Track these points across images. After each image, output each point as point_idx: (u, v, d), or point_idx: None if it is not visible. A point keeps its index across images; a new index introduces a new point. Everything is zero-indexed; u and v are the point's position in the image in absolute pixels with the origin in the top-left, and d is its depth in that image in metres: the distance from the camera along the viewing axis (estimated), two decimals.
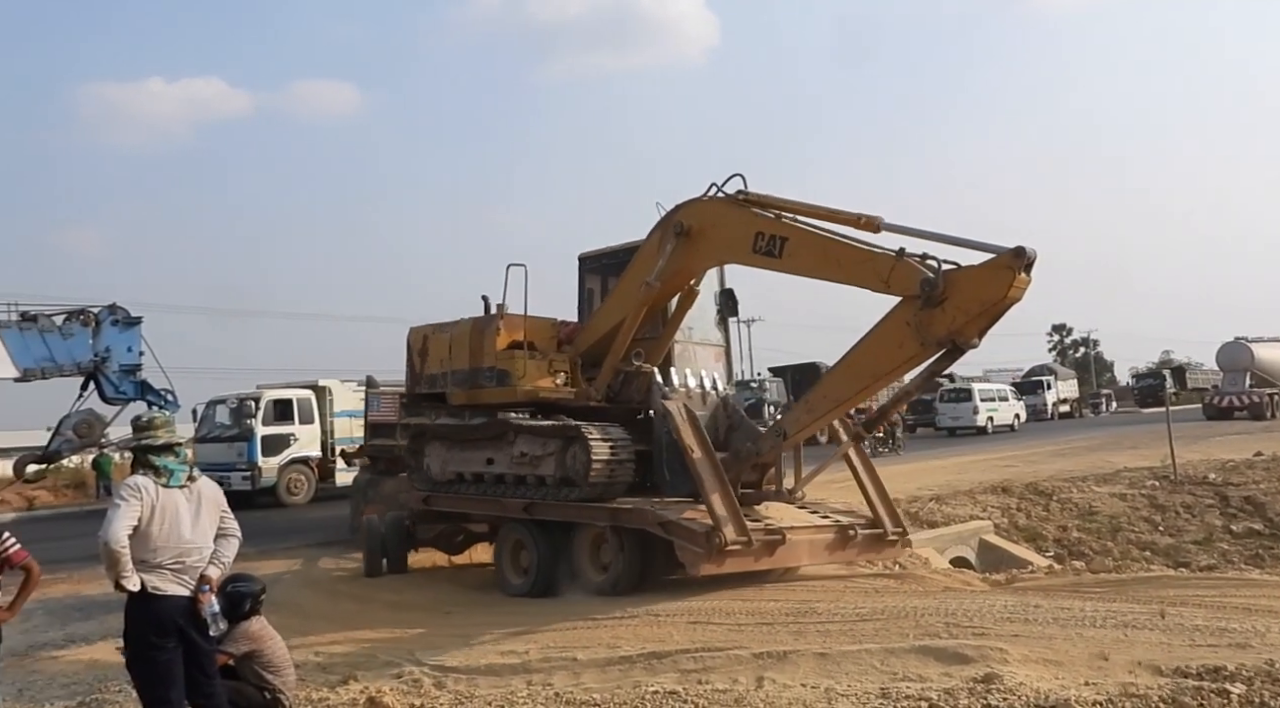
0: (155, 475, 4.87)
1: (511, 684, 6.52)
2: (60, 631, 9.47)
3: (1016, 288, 7.39)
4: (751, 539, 8.64)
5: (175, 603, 4.82)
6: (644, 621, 8.48)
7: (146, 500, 4.77)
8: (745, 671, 6.41)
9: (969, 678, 5.95)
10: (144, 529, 4.75)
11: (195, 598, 4.87)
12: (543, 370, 10.44)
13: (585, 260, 11.61)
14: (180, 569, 4.85)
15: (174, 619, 4.81)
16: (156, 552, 4.78)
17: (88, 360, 12.97)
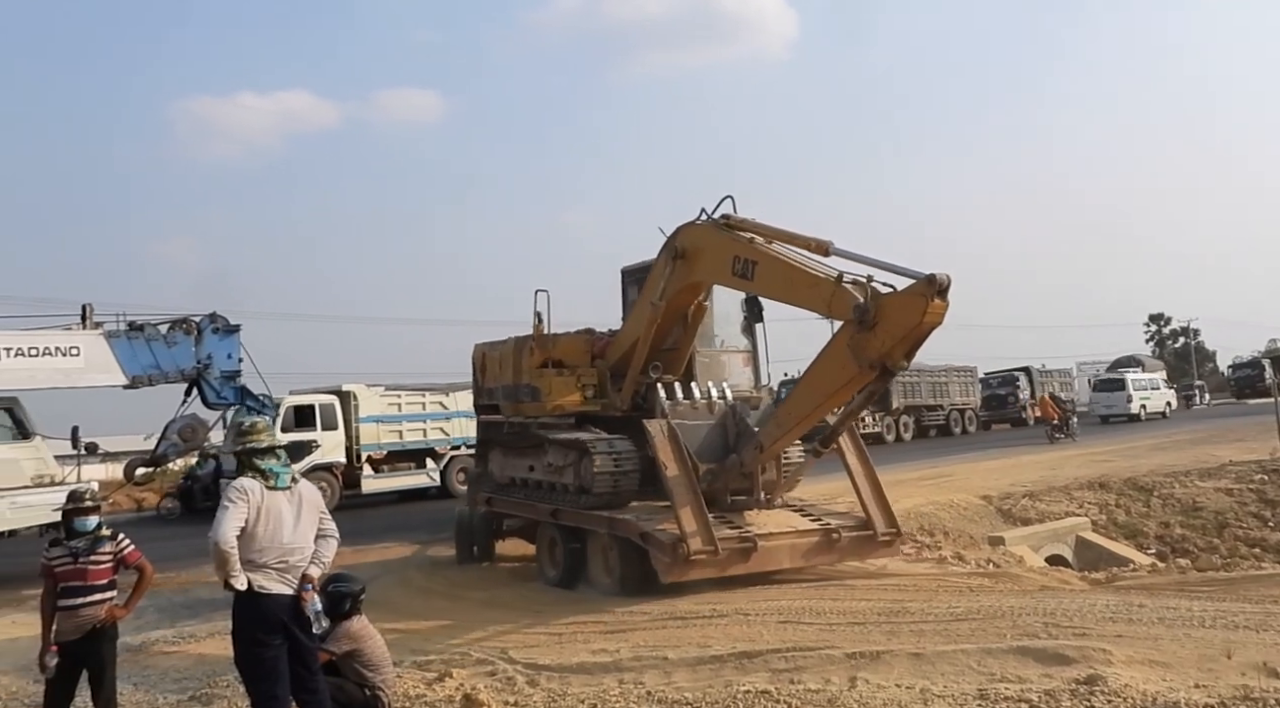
0: (261, 478, 5.05)
1: (603, 683, 6.56)
2: (171, 628, 9.87)
3: (931, 314, 7.60)
4: (718, 549, 9.06)
5: (280, 601, 4.99)
6: (734, 620, 8.45)
7: (253, 502, 4.96)
8: (838, 671, 6.34)
9: (1071, 679, 5.78)
10: (250, 530, 4.94)
11: (299, 597, 5.04)
12: (570, 386, 11.35)
13: (626, 274, 12.23)
14: (284, 569, 5.02)
15: (279, 617, 4.98)
16: (262, 552, 4.96)
17: (191, 367, 13.45)
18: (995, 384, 43.22)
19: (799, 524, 10.04)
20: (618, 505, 10.19)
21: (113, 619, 5.74)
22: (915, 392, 37.31)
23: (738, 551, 9.31)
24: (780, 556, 9.69)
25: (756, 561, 9.44)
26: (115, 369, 13.28)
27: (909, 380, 37.04)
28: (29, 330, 13.45)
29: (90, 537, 5.74)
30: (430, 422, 23.20)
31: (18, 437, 14.04)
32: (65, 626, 5.64)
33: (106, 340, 13.25)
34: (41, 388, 13.66)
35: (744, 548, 9.34)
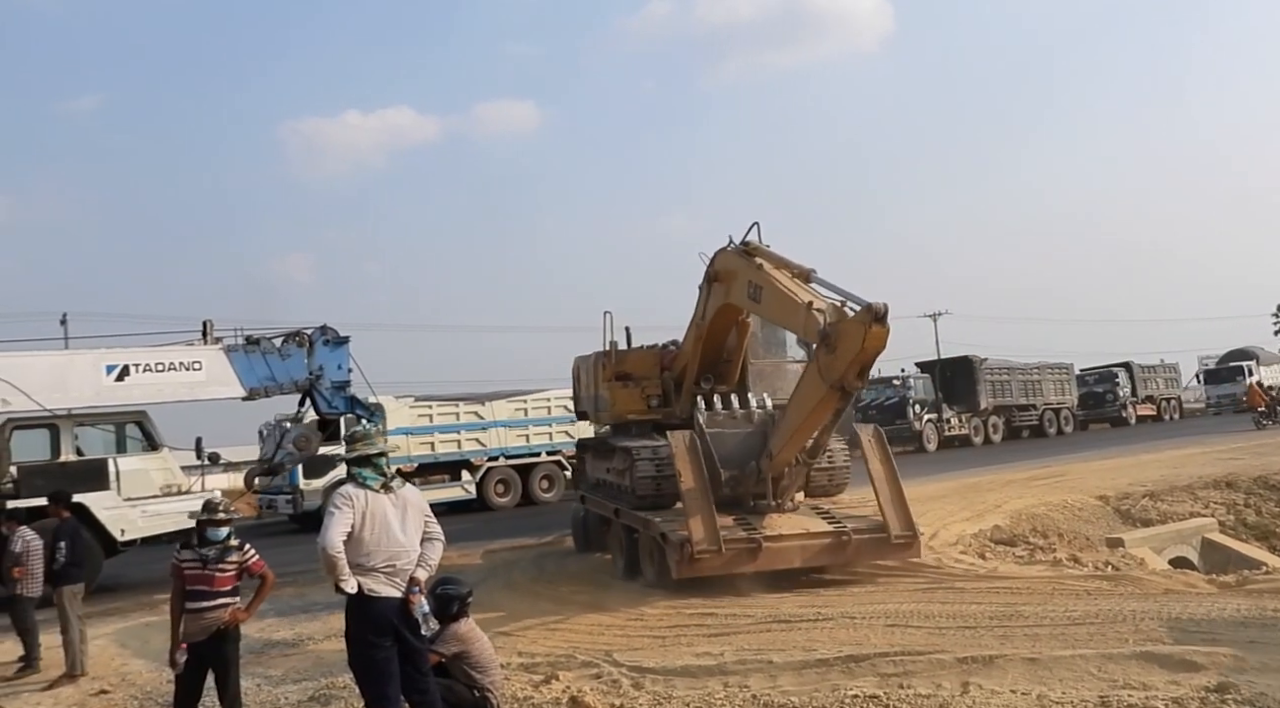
0: (363, 484, 5.24)
1: (708, 686, 6.53)
2: (290, 630, 10.23)
3: (871, 339, 8.19)
4: (722, 549, 9.72)
5: (389, 604, 5.13)
6: (839, 623, 8.33)
7: (358, 507, 5.13)
8: (949, 675, 6.18)
9: (1199, 687, 5.51)
10: (356, 535, 5.10)
11: (407, 599, 5.17)
12: (635, 397, 12.69)
13: None
14: (392, 572, 5.16)
15: (389, 619, 5.12)
16: (370, 556, 5.11)
17: (304, 379, 13.93)
18: (1093, 382, 41.11)
19: (812, 526, 10.47)
20: (663, 506, 10.93)
21: (235, 622, 6.00)
22: (1005, 391, 35.69)
23: (745, 551, 9.90)
24: (790, 556, 10.17)
25: (764, 560, 9.99)
26: (234, 382, 13.87)
27: (999, 379, 35.59)
28: (155, 347, 14.16)
29: (220, 546, 6.02)
30: (465, 433, 22.90)
31: (147, 448, 14.80)
32: (191, 627, 5.91)
33: (226, 355, 13.85)
34: (167, 402, 14.37)
35: (750, 548, 9.91)
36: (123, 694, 8.17)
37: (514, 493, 23.34)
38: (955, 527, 14.11)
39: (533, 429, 23.71)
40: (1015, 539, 13.63)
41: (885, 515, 10.36)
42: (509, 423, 23.38)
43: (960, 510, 15.43)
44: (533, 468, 23.67)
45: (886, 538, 10.27)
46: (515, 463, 23.48)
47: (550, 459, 23.85)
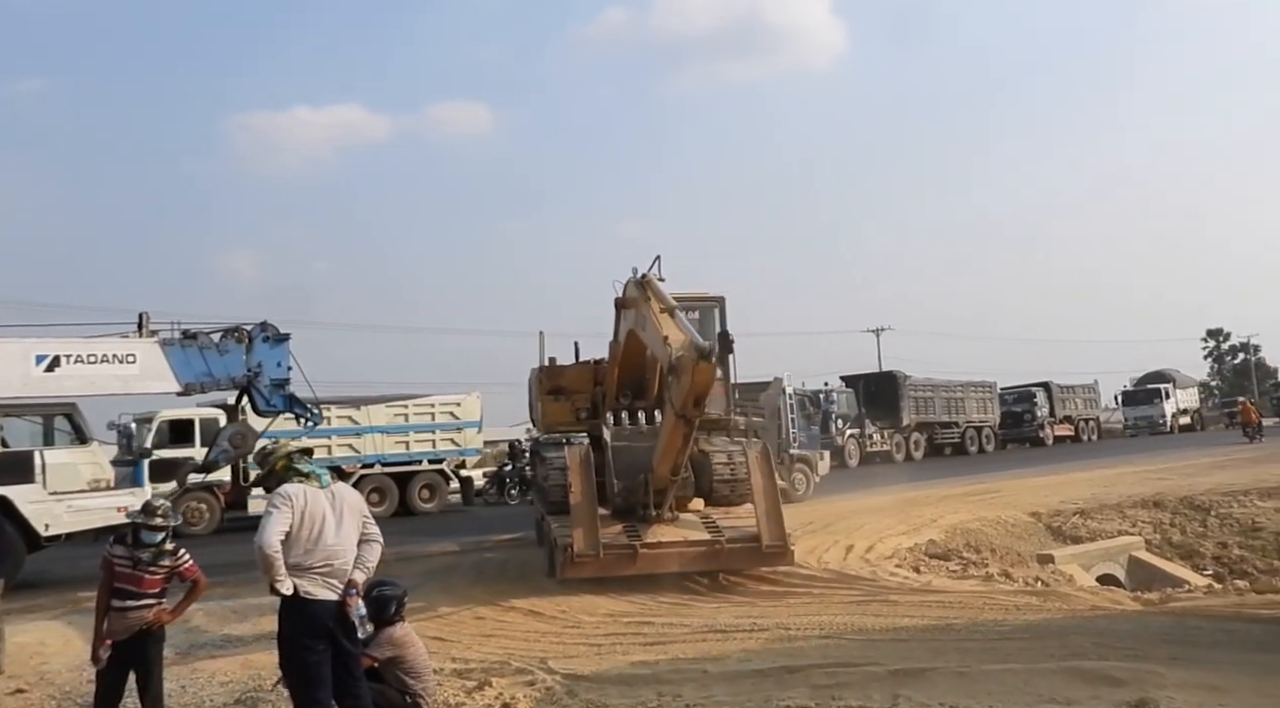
0: (307, 481, 5.17)
1: (642, 695, 6.52)
2: (219, 631, 10.02)
3: (699, 373, 9.33)
4: (600, 553, 10.63)
5: (325, 606, 5.04)
6: (775, 635, 8.39)
7: (296, 507, 5.05)
8: (880, 688, 6.24)
9: (1121, 702, 5.64)
10: (294, 534, 5.01)
11: (343, 601, 5.09)
12: (565, 409, 13.70)
13: None
14: (328, 573, 5.08)
15: (324, 622, 5.04)
16: (306, 556, 5.02)
17: (242, 375, 13.62)
18: (1011, 401, 41.14)
19: (691, 535, 11.30)
20: (567, 511, 11.41)
21: (160, 622, 5.86)
22: (929, 407, 35.83)
23: (623, 556, 10.81)
24: (667, 561, 11.01)
25: (642, 565, 10.85)
26: (169, 377, 13.52)
27: (922, 396, 35.61)
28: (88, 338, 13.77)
29: (154, 550, 5.86)
30: (336, 438, 21.71)
31: (76, 442, 14.39)
32: (115, 625, 5.76)
33: (161, 348, 13.50)
34: (99, 394, 13.99)
35: (628, 554, 10.83)
36: (40, 694, 7.91)
37: (390, 502, 22.15)
38: (891, 540, 14.31)
39: (414, 436, 22.80)
40: (949, 554, 13.85)
41: (760, 527, 11.08)
42: (387, 429, 22.54)
43: (897, 524, 15.65)
44: (413, 477, 22.79)
45: (759, 547, 10.99)
46: (393, 471, 22.52)
47: (432, 468, 23.00)
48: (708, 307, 13.77)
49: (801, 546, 14.19)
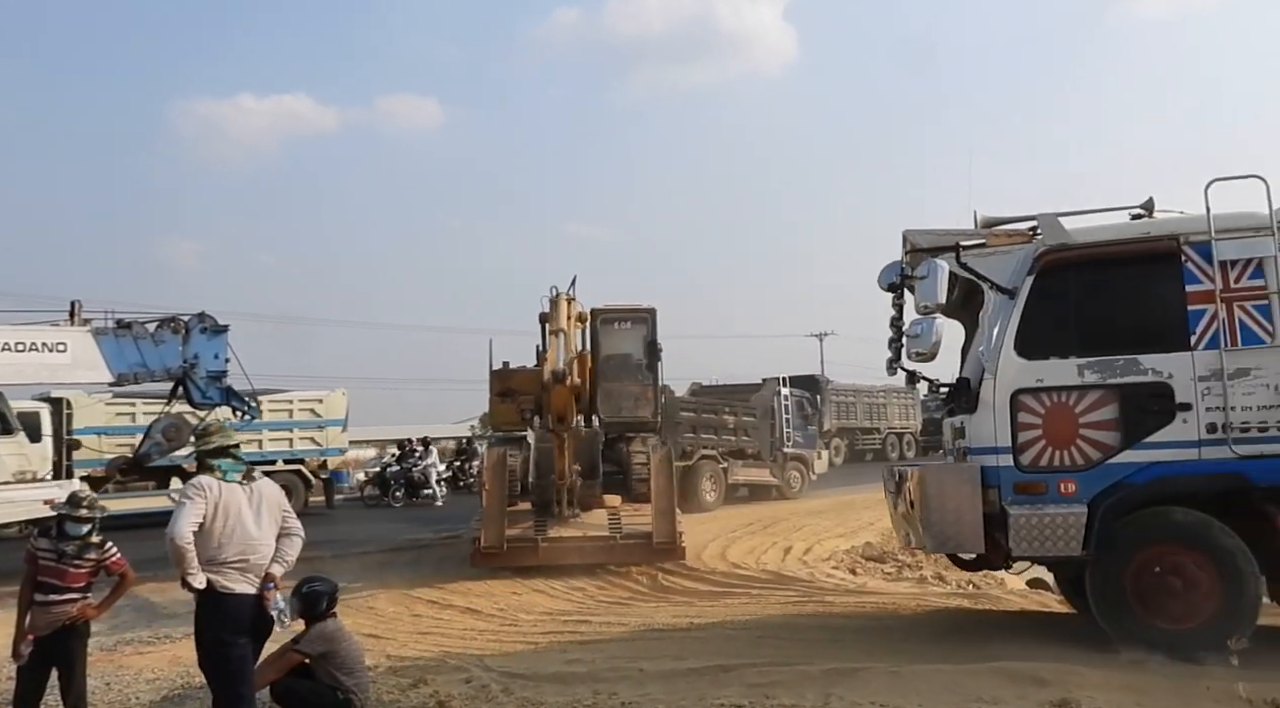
0: (217, 474, 5.08)
1: (577, 692, 6.52)
2: (146, 628, 9.80)
3: (554, 394, 10.76)
4: (504, 546, 11.82)
5: (243, 601, 4.97)
6: (712, 634, 8.45)
7: (210, 498, 4.95)
8: (813, 687, 6.32)
9: (1044, 702, 5.78)
10: (208, 526, 4.92)
11: (262, 595, 5.02)
12: (511, 411, 14.42)
13: (595, 313, 14.55)
14: (245, 567, 5.00)
15: (243, 617, 4.97)
16: (222, 549, 4.94)
17: (177, 366, 13.32)
18: (933, 408, 41.92)
19: (590, 530, 12.33)
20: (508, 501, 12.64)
21: (84, 618, 5.72)
22: (850, 412, 35.68)
23: (526, 549, 11.91)
24: (566, 554, 12.00)
25: (543, 556, 11.92)
26: (101, 366, 13.18)
27: (844, 401, 35.37)
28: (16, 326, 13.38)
29: (80, 542, 5.72)
30: None
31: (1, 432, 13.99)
32: (38, 620, 5.61)
33: (94, 337, 13.15)
34: (27, 383, 13.60)
35: (529, 547, 11.93)
36: None
37: None
38: (829, 542, 14.50)
39: (268, 434, 21.19)
40: (885, 556, 14.05)
41: (654, 525, 12.08)
42: (238, 426, 21.48)
43: (835, 527, 15.85)
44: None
45: (650, 544, 11.97)
46: None
47: (288, 468, 21.26)
48: (639, 318, 14.68)
49: (740, 546, 14.37)
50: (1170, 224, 7.33)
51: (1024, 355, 7.20)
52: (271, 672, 5.73)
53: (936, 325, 7.25)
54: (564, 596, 11.28)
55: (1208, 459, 6.86)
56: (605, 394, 14.33)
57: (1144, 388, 6.99)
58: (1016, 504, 7.04)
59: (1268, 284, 6.93)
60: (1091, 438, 7.05)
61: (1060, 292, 7.27)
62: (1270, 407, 6.81)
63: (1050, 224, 7.40)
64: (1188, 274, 7.06)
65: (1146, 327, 7.15)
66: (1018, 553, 7.15)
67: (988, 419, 7.22)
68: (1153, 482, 6.90)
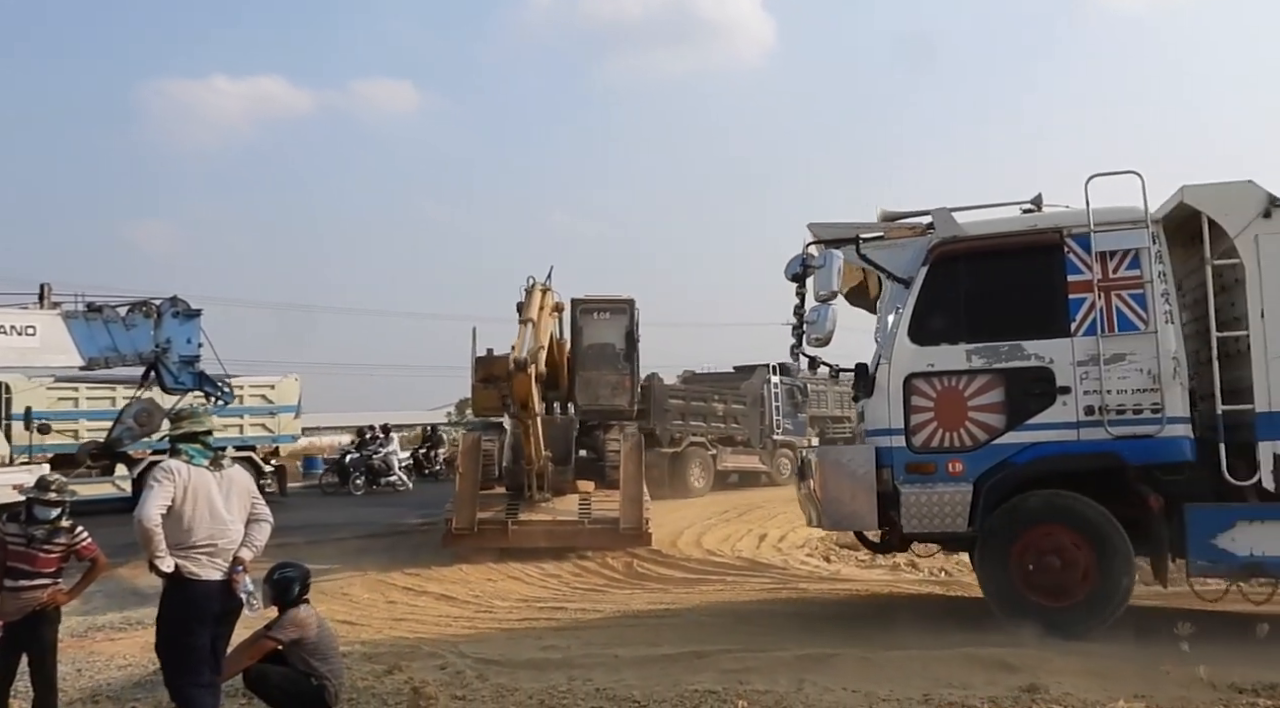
0: (187, 459, 5.05)
1: (552, 679, 6.55)
2: (118, 613, 9.72)
3: (515, 383, 11.03)
4: (474, 527, 12.12)
5: (210, 586, 4.94)
6: (686, 621, 8.50)
7: (179, 482, 4.92)
8: (786, 673, 6.38)
9: (1014, 687, 5.88)
10: (177, 510, 4.89)
11: (230, 579, 4.99)
12: (492, 397, 14.46)
13: (575, 303, 14.95)
14: (213, 552, 4.97)
15: (209, 603, 4.94)
16: (190, 533, 4.91)
17: (149, 351, 13.15)
18: None
19: (560, 515, 12.61)
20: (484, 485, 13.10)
21: (55, 603, 5.67)
22: (821, 401, 35.26)
23: (496, 530, 12.18)
24: (535, 537, 12.25)
25: (513, 539, 12.16)
26: (71, 350, 13.03)
27: (815, 390, 35.98)
28: None
29: (49, 526, 5.66)
30: None
31: None
32: (8, 606, 5.56)
33: (64, 321, 12.99)
34: None
35: (499, 529, 12.18)
36: None
37: None
38: (804, 530, 14.53)
39: (218, 420, 20.10)
40: (858, 544, 14.13)
41: (621, 511, 12.31)
42: (212, 411, 20.72)
43: None
44: None
45: (617, 529, 12.18)
46: None
47: (239, 455, 19.19)
48: (618, 309, 15.02)
49: (715, 534, 14.44)
50: (1054, 218, 7.69)
51: (917, 342, 7.57)
52: (244, 658, 5.72)
53: (831, 313, 7.61)
54: (539, 582, 11.29)
55: (1085, 440, 7.21)
56: (583, 382, 14.58)
57: (1027, 372, 7.35)
58: (908, 483, 7.43)
59: (1143, 274, 7.26)
60: (978, 420, 7.41)
61: (951, 281, 7.63)
62: (1143, 390, 7.16)
63: (943, 218, 7.76)
64: (1069, 265, 7.41)
65: (1031, 314, 7.52)
66: (909, 530, 7.51)
67: (883, 403, 7.59)
68: (1033, 461, 7.27)
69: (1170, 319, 7.23)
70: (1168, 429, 7.09)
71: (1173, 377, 7.10)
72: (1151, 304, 7.22)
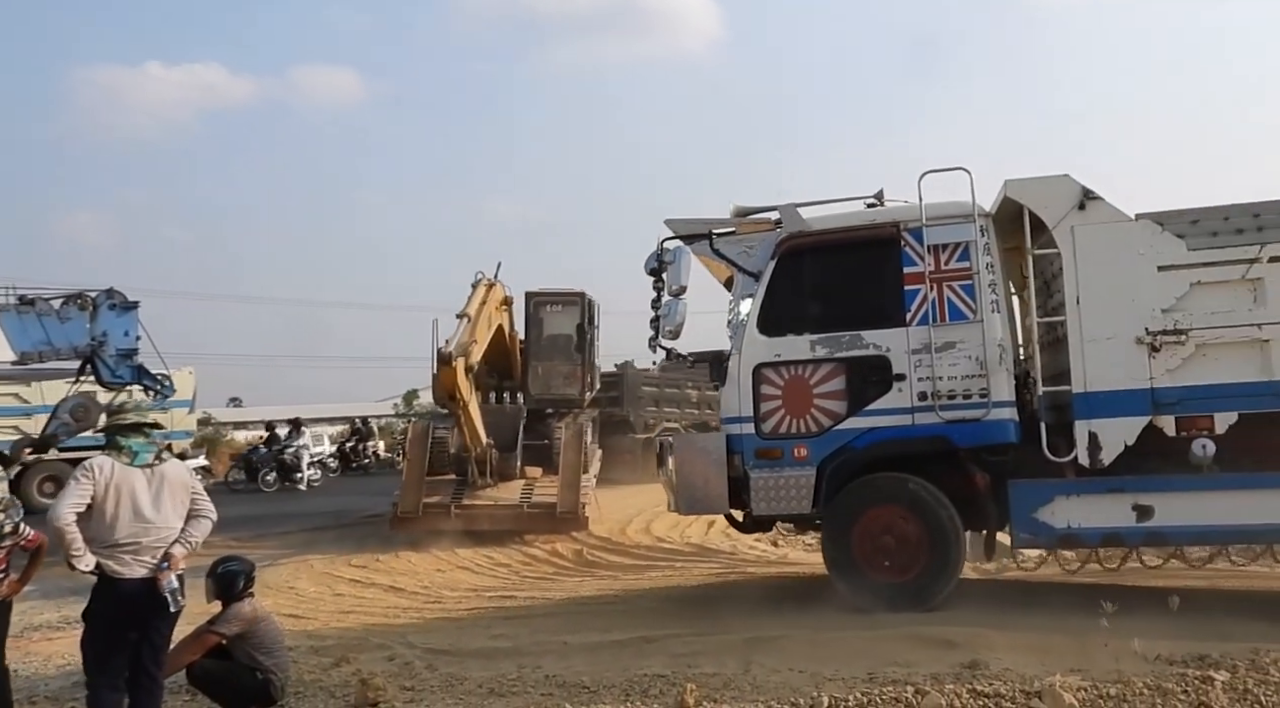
0: (119, 455, 4.91)
1: (502, 667, 6.55)
2: (56, 612, 9.51)
3: (441, 374, 11.33)
4: (419, 510, 12.72)
5: (135, 585, 4.81)
6: (636, 607, 8.55)
7: (100, 480, 4.78)
8: (734, 655, 6.46)
9: (955, 663, 6.01)
10: (99, 507, 4.77)
11: (155, 577, 4.84)
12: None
13: (529, 296, 15.16)
14: (137, 550, 4.83)
15: (133, 601, 4.81)
16: (112, 530, 4.78)
17: (84, 344, 12.84)
18: None
19: (502, 499, 13.11)
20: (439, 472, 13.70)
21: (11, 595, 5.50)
22: None
23: (441, 515, 12.69)
24: (478, 520, 12.73)
25: (456, 523, 12.61)
26: (2, 344, 12.72)
27: None
28: None
29: None
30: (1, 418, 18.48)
31: None
32: None
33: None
34: None
35: (441, 512, 12.72)
36: None
37: None
38: None
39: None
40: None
41: (559, 496, 12.83)
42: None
43: None
44: None
45: (554, 513, 12.64)
46: (72, 456, 16.30)
47: None
48: (570, 301, 15.32)
49: (665, 520, 14.47)
50: (892, 212, 8.03)
51: (765, 333, 7.89)
52: (187, 654, 5.64)
53: (682, 307, 7.91)
54: (489, 572, 11.27)
55: (919, 424, 7.57)
56: (535, 372, 14.96)
57: (866, 361, 7.70)
58: (757, 468, 7.77)
59: (972, 265, 7.60)
60: (822, 407, 7.75)
61: (797, 275, 7.95)
62: (971, 376, 7.52)
63: (789, 213, 8.07)
64: (905, 257, 7.75)
65: (870, 305, 7.86)
66: (758, 512, 7.86)
67: (734, 392, 7.91)
68: (871, 446, 7.63)
69: (997, 308, 7.60)
70: (994, 413, 7.44)
71: (998, 363, 7.46)
72: (980, 294, 7.56)
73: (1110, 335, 7.30)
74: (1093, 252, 7.38)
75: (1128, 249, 7.34)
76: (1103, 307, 7.33)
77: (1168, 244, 7.28)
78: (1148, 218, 7.38)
